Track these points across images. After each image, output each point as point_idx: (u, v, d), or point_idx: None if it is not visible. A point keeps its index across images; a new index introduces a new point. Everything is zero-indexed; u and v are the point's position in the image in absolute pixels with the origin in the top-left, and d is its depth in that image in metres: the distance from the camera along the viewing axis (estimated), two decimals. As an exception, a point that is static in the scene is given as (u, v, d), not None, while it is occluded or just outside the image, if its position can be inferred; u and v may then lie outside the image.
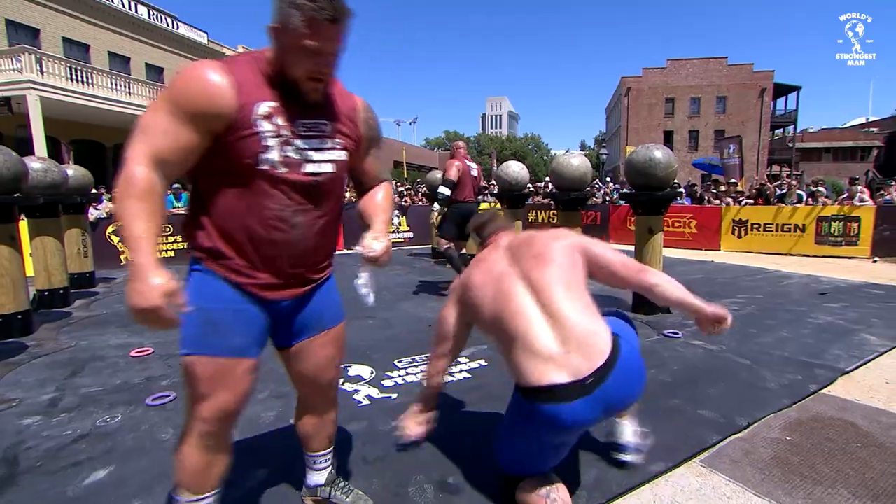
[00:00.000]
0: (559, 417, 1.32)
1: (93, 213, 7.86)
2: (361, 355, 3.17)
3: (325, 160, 1.21)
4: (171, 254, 8.35)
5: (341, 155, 1.26)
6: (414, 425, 1.79)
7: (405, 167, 19.75)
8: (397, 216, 10.10)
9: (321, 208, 1.25)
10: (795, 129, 32.27)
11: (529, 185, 8.72)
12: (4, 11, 13.89)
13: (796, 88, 31.38)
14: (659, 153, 3.97)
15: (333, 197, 1.29)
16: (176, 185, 9.23)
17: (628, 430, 1.82)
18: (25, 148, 11.77)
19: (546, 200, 11.49)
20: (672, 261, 7.28)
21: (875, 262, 7.65)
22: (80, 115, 13.87)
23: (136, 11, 17.41)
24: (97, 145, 16.14)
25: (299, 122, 1.16)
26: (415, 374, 2.84)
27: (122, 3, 16.92)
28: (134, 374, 2.95)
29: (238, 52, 17.49)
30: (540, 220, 11.64)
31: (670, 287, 1.58)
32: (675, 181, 4.36)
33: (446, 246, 5.02)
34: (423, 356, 3.13)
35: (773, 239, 8.70)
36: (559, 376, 1.32)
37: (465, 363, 3.02)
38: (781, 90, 31.90)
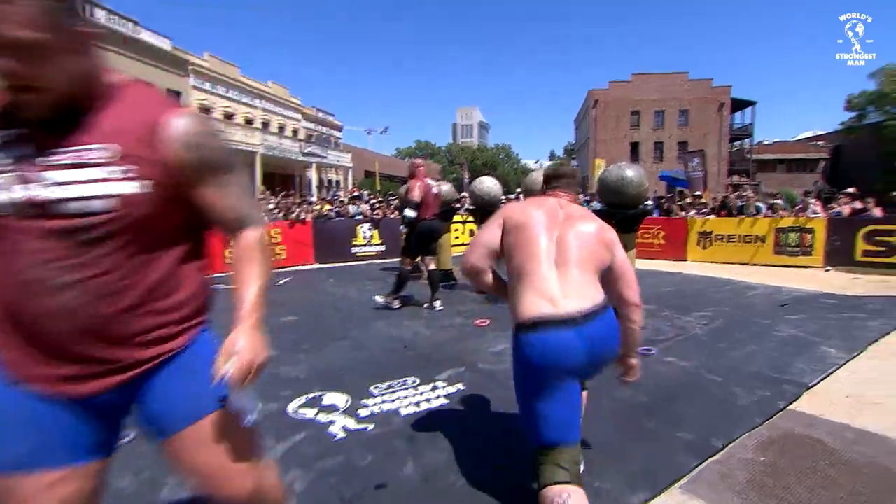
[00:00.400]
0: (548, 344, 1.49)
1: None
2: (335, 381, 3.08)
3: (91, 196, 0.88)
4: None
5: (127, 188, 0.90)
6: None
7: (378, 178, 19.61)
8: (370, 229, 10.00)
9: (107, 261, 0.91)
10: (752, 141, 33.89)
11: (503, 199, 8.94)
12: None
13: (752, 103, 33.14)
14: (630, 172, 4.05)
15: (131, 244, 0.94)
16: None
17: None
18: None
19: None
20: (643, 273, 7.34)
21: (828, 270, 8.04)
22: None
23: (94, 15, 16.77)
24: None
25: (46, 150, 0.87)
26: (392, 401, 2.77)
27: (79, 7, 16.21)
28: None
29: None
30: None
31: (635, 329, 1.81)
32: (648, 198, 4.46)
33: (408, 267, 5.14)
34: (399, 381, 3.07)
35: (736, 249, 9.03)
36: (552, 311, 1.51)
37: (443, 387, 2.97)
38: (738, 104, 33.55)
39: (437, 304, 5.19)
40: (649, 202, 4.46)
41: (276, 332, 4.40)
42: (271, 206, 10.12)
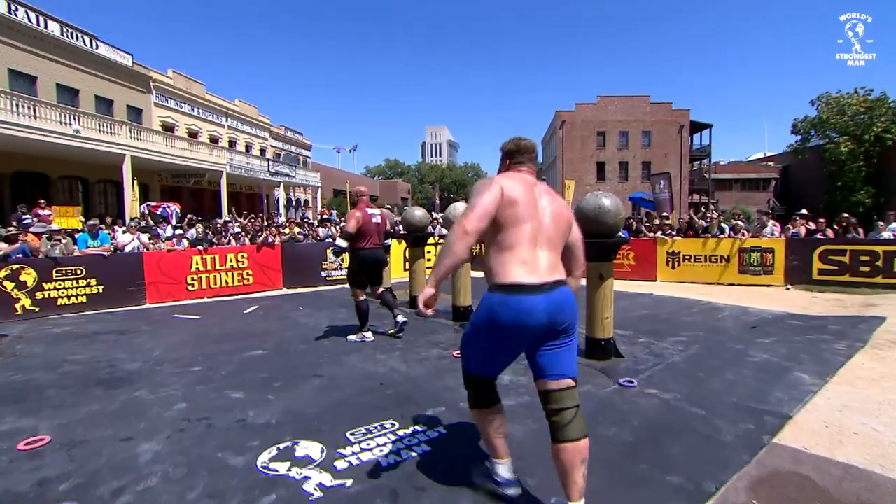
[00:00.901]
0: (522, 305, 1.77)
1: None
2: (308, 427, 2.89)
3: None
4: (84, 299, 7.46)
5: None
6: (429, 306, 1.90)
7: (348, 197, 19.35)
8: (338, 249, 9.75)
9: None
10: (710, 161, 35.46)
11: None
12: None
13: (709, 126, 34.75)
14: (608, 201, 4.06)
15: None
16: (92, 222, 8.37)
17: (501, 468, 2.08)
18: None
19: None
20: (616, 294, 7.49)
21: (788, 289, 8.34)
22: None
23: (47, 27, 16.06)
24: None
25: None
26: (370, 448, 2.60)
27: (28, 17, 15.46)
28: (21, 478, 2.36)
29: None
30: None
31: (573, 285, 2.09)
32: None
33: (361, 298, 5.03)
34: (376, 424, 2.90)
35: (704, 269, 9.27)
36: (531, 279, 1.79)
37: (424, 431, 2.82)
38: (697, 126, 35.12)
39: (400, 318, 5.13)
40: (622, 232, 4.49)
41: (244, 368, 4.15)
42: (237, 230, 9.76)
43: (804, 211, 10.30)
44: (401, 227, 8.37)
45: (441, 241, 10.50)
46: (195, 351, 4.78)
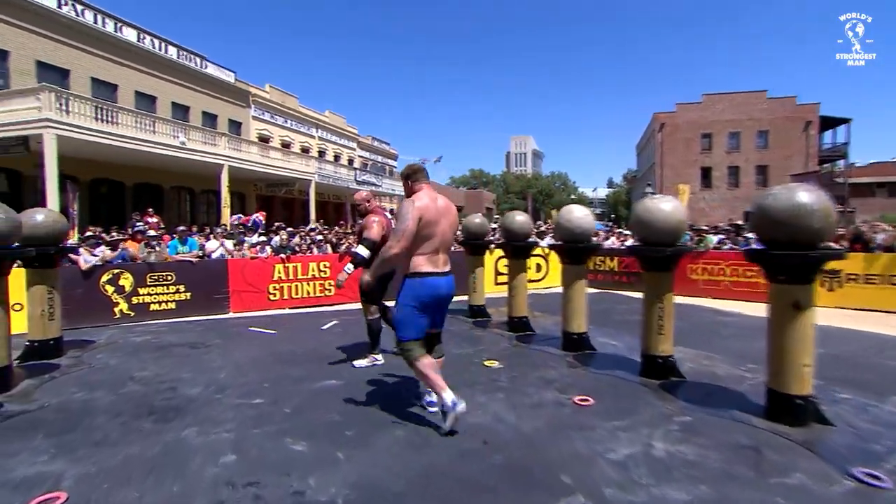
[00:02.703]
0: (435, 283, 2.86)
1: (87, 261, 7.06)
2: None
3: None
4: (173, 305, 7.40)
5: None
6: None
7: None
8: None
9: None
10: (847, 163, 30.25)
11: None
12: (35, 53, 13.92)
13: (846, 121, 29.55)
14: (810, 197, 2.79)
15: None
16: (182, 227, 8.39)
17: (447, 396, 2.83)
18: (38, 187, 11.34)
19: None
20: (753, 321, 5.96)
21: None
22: (102, 154, 13.54)
23: (166, 52, 17.47)
24: (117, 185, 15.81)
25: None
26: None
27: (153, 44, 16.99)
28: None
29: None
30: (608, 269, 10.32)
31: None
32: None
33: (375, 316, 4.42)
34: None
35: (875, 293, 7.24)
36: (438, 270, 2.88)
37: None
38: (829, 123, 30.13)
39: (366, 361, 4.44)
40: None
41: (312, 404, 3.40)
42: (319, 238, 9.40)
43: None
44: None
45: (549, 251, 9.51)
46: (262, 375, 4.15)
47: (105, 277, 6.95)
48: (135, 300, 7.11)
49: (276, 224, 11.12)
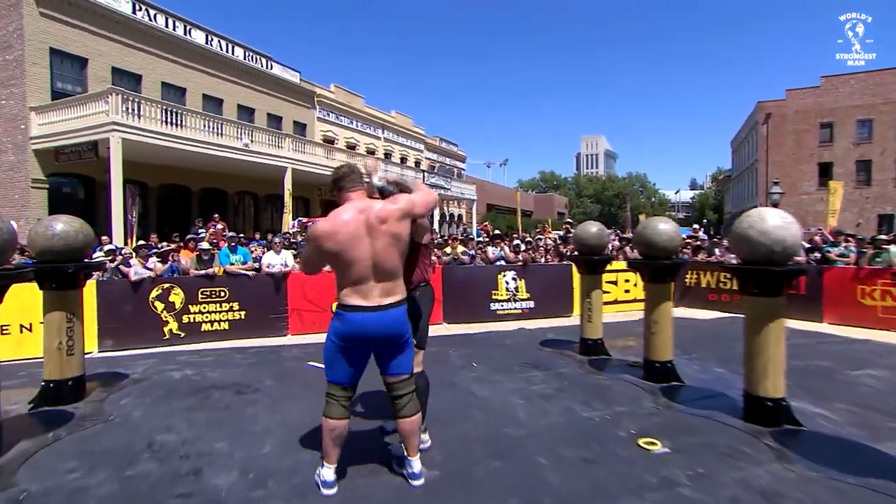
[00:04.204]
0: (357, 320, 2.27)
1: (136, 273, 6.22)
2: None
3: None
4: (225, 325, 6.40)
5: None
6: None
7: (519, 214, 17.02)
8: (514, 279, 7.46)
9: None
10: None
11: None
12: (111, 60, 14.00)
13: None
14: None
15: None
16: (231, 234, 7.42)
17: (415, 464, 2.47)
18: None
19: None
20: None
21: None
22: (170, 158, 13.30)
23: (233, 53, 17.25)
24: (184, 189, 15.66)
25: None
26: None
27: (220, 46, 16.81)
28: None
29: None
30: (704, 285, 8.41)
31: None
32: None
33: (420, 370, 2.84)
34: None
35: None
36: (366, 303, 2.28)
37: None
38: None
39: (425, 437, 2.90)
40: None
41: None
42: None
43: None
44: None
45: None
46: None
47: (154, 293, 6.16)
48: (185, 319, 6.29)
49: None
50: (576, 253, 5.54)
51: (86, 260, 4.27)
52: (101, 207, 12.26)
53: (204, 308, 6.39)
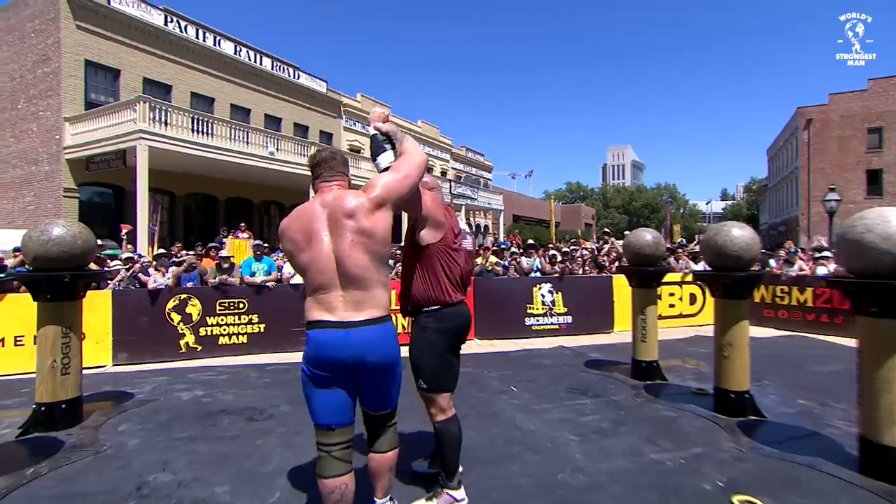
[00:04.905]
0: (320, 338, 1.77)
1: (154, 282, 5.95)
2: None
3: None
4: (244, 339, 6.06)
5: None
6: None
7: (553, 224, 16.51)
8: (551, 292, 6.86)
9: None
10: None
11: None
12: (143, 71, 14.16)
13: None
14: None
15: None
16: (257, 242, 7.07)
17: None
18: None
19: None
20: None
21: None
22: (197, 167, 13.26)
23: (261, 63, 17.29)
24: (210, 199, 15.64)
25: None
26: None
27: (248, 56, 16.88)
28: None
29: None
30: (759, 300, 7.70)
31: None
32: None
33: (451, 414, 2.40)
34: None
35: None
36: (330, 317, 1.78)
37: None
38: None
39: (459, 493, 2.32)
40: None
41: None
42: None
43: None
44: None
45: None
46: None
47: (171, 304, 5.87)
48: (202, 331, 5.97)
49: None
50: (626, 264, 4.96)
51: (92, 266, 3.94)
52: (130, 217, 12.25)
53: (222, 320, 6.07)
